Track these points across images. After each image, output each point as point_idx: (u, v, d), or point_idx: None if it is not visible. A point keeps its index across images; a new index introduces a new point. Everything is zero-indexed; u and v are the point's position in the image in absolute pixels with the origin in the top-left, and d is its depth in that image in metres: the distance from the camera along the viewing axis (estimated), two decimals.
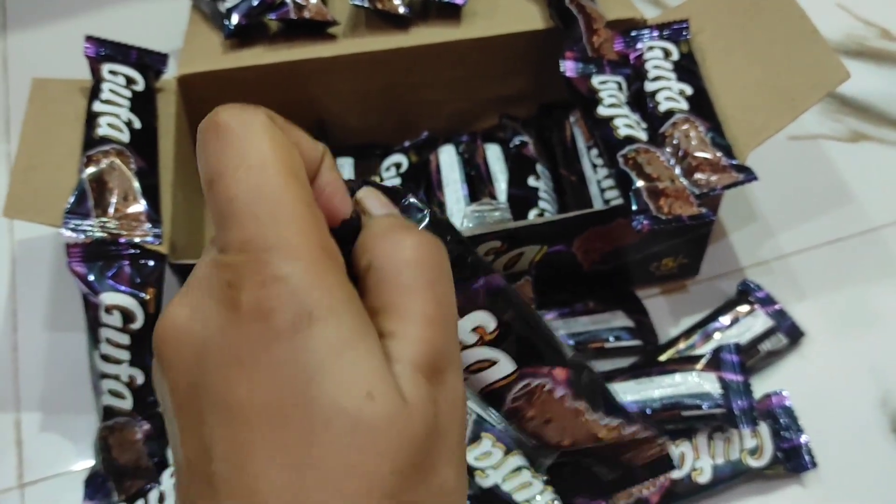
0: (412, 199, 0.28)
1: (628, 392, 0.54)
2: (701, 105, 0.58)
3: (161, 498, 0.53)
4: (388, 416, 0.21)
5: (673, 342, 0.60)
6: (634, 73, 0.61)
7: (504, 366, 0.29)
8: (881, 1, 0.84)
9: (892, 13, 0.83)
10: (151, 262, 0.52)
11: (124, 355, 0.52)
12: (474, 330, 0.29)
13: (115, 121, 0.56)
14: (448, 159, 0.68)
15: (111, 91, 0.58)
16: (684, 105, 0.58)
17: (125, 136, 0.56)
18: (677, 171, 0.55)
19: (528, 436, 0.31)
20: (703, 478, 0.53)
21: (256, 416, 0.20)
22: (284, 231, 0.22)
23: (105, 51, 0.60)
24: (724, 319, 0.60)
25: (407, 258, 0.24)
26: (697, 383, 0.54)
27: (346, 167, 0.68)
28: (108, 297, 0.51)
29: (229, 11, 0.64)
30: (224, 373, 0.21)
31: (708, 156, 0.55)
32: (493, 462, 0.53)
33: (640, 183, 0.54)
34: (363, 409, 0.20)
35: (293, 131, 0.25)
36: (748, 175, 0.54)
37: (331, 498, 0.20)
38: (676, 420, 0.53)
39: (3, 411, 0.60)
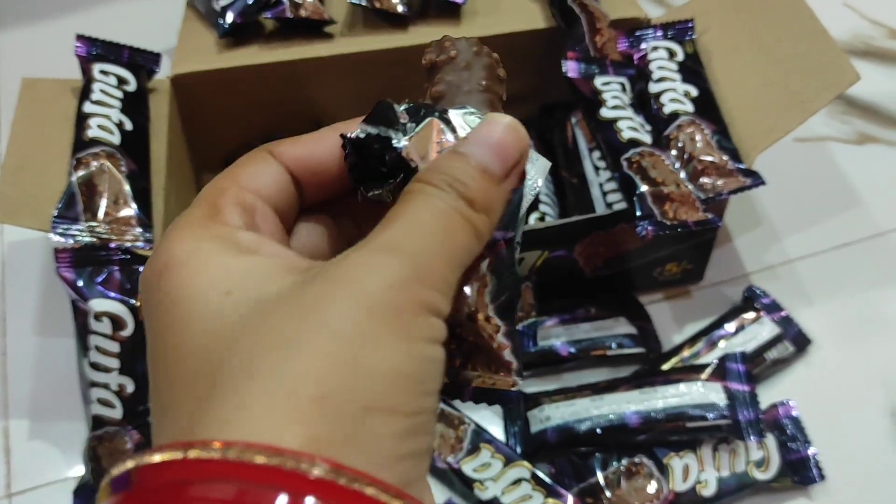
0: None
1: (632, 402, 0.53)
2: (707, 107, 0.57)
3: None
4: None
5: (677, 350, 0.58)
6: (638, 74, 0.60)
7: None
8: (888, 1, 0.83)
9: None
10: (142, 268, 0.51)
11: (114, 363, 0.51)
12: None
13: (106, 122, 0.55)
14: None
15: (102, 91, 0.57)
16: (689, 107, 0.57)
17: (116, 138, 0.55)
18: (682, 174, 0.54)
19: None
20: (708, 491, 0.51)
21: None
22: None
23: (96, 50, 0.58)
24: (730, 327, 0.59)
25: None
26: (702, 393, 0.53)
27: None
28: (97, 304, 0.50)
29: (224, 10, 0.63)
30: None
31: (714, 159, 0.54)
32: (493, 474, 0.51)
33: (644, 187, 0.52)
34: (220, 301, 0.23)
35: (292, 142, 0.27)
36: (755, 179, 0.53)
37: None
38: (681, 431, 0.52)
39: None
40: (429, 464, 0.23)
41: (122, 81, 0.58)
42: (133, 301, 0.50)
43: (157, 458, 0.20)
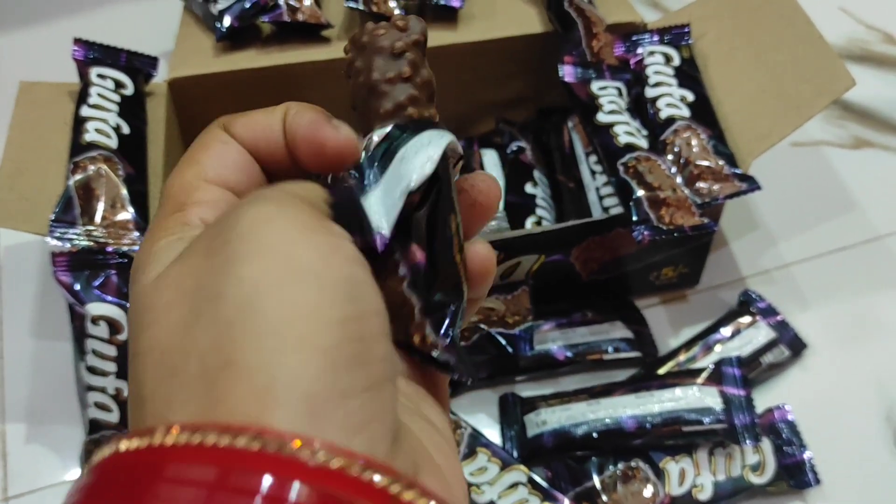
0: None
1: (628, 406, 0.53)
2: (703, 112, 0.57)
3: None
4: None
5: (673, 354, 0.59)
6: (635, 79, 0.60)
7: None
8: (884, 5, 0.83)
9: (895, 17, 0.82)
10: None
11: (111, 367, 0.51)
12: None
13: (103, 126, 0.55)
14: None
15: (99, 95, 0.57)
16: (686, 112, 0.57)
17: (113, 142, 0.55)
18: (678, 179, 0.54)
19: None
20: (704, 495, 0.51)
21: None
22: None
23: (93, 54, 0.58)
24: (726, 331, 0.59)
25: None
26: (698, 398, 0.53)
27: None
28: (94, 308, 0.50)
29: (221, 13, 0.63)
30: None
31: (710, 164, 0.54)
32: (489, 478, 0.51)
33: (640, 192, 0.52)
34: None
35: (246, 121, 0.27)
36: (751, 184, 0.53)
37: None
38: (677, 435, 0.52)
39: None
40: (389, 397, 0.21)
41: (119, 85, 0.58)
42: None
43: (122, 445, 0.20)
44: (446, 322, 0.26)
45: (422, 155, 0.26)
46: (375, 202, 0.26)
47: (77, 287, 0.50)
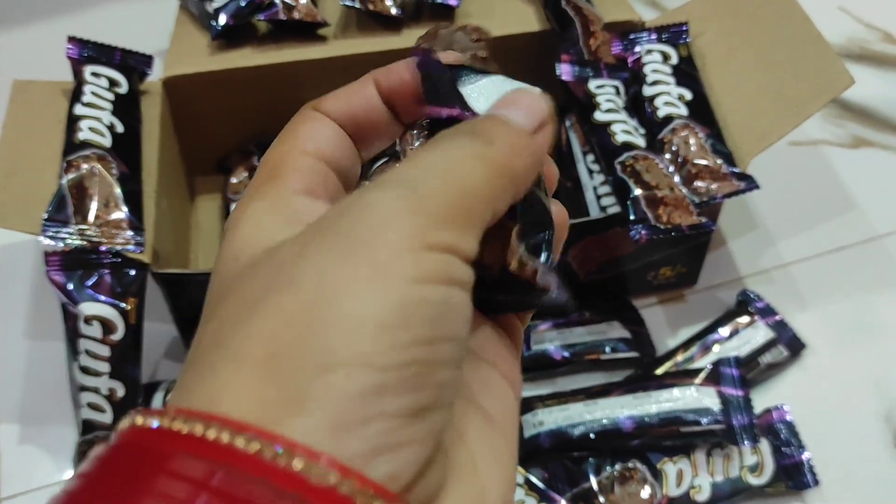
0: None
1: (625, 407, 0.53)
2: (701, 110, 0.57)
3: None
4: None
5: (671, 354, 0.58)
6: (632, 77, 0.60)
7: None
8: (884, 4, 0.83)
9: (894, 16, 0.82)
10: (133, 271, 0.51)
11: (104, 367, 0.50)
12: None
13: (97, 124, 0.55)
14: None
15: (93, 94, 0.56)
16: (683, 110, 0.57)
17: (107, 141, 0.54)
18: (676, 178, 0.54)
19: None
20: (702, 496, 0.51)
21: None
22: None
23: (88, 52, 0.58)
24: (724, 331, 0.59)
25: None
26: (696, 398, 0.53)
27: None
28: (87, 308, 0.50)
29: (217, 12, 0.62)
30: None
31: (708, 163, 0.54)
32: None
33: (638, 191, 0.52)
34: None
35: (336, 95, 0.27)
36: (749, 183, 0.53)
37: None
38: (675, 436, 0.52)
39: None
40: (434, 423, 0.20)
41: (113, 83, 0.58)
42: (123, 304, 0.50)
43: (139, 420, 0.19)
44: (543, 247, 0.25)
45: (511, 84, 0.27)
46: (475, 92, 0.26)
47: (70, 287, 0.50)
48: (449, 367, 0.20)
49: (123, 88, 0.58)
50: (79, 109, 0.55)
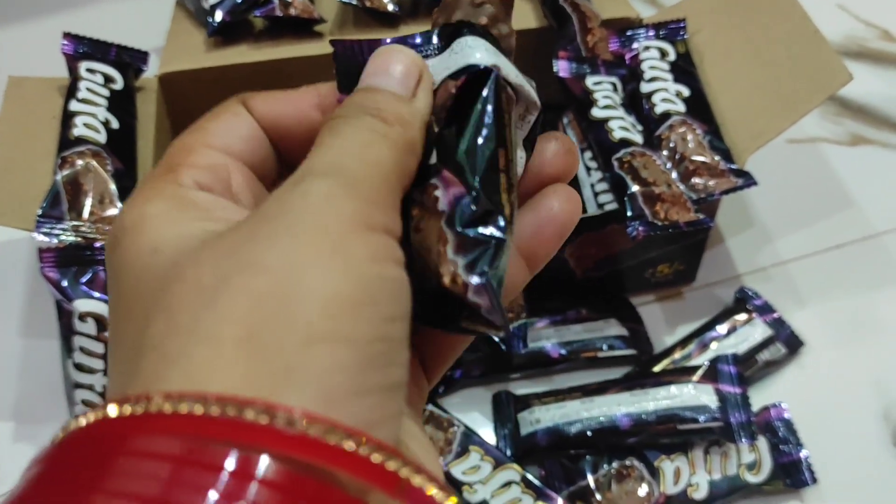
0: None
1: (622, 404, 0.53)
2: (698, 107, 0.57)
3: None
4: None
5: (668, 352, 0.58)
6: (630, 74, 0.59)
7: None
8: (882, 2, 0.83)
9: (892, 14, 0.82)
10: None
11: (98, 364, 0.50)
12: None
13: (92, 121, 0.54)
14: None
15: (88, 90, 0.56)
16: (681, 107, 0.57)
17: (102, 137, 0.54)
18: (674, 175, 0.54)
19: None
20: (700, 494, 0.51)
21: None
22: None
23: (83, 48, 0.58)
24: (721, 328, 0.58)
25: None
26: (694, 395, 0.52)
27: None
28: (82, 304, 0.49)
29: (213, 8, 0.62)
30: None
31: (706, 160, 0.54)
32: (482, 477, 0.51)
33: (635, 188, 0.52)
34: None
35: (269, 95, 0.27)
36: (747, 180, 0.53)
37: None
38: (672, 434, 0.52)
39: None
40: (401, 400, 0.21)
41: (108, 80, 0.58)
42: None
43: (80, 421, 0.19)
44: (481, 260, 0.23)
45: (479, 53, 0.26)
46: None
47: (64, 283, 0.50)
48: (406, 346, 0.21)
49: (119, 85, 0.58)
50: (74, 105, 0.55)
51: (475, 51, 0.26)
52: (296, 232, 0.20)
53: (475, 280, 0.23)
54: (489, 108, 0.25)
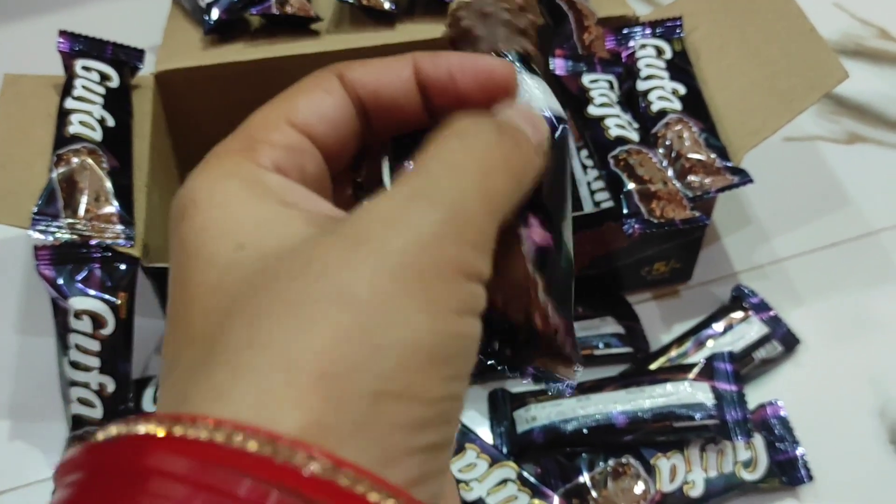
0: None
1: (619, 402, 0.53)
2: (695, 105, 0.57)
3: None
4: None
5: (665, 349, 0.58)
6: (626, 72, 0.59)
7: None
8: (879, 0, 0.83)
9: (889, 12, 0.82)
10: (123, 266, 0.50)
11: (94, 362, 0.50)
12: None
13: (88, 118, 0.54)
14: None
15: (84, 88, 0.56)
16: (677, 105, 0.57)
17: (97, 135, 0.54)
18: (670, 172, 0.54)
19: None
20: (695, 491, 0.51)
21: None
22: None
23: (79, 46, 0.58)
24: (718, 326, 0.58)
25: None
26: (690, 393, 0.52)
27: None
28: (77, 302, 0.49)
29: (209, 6, 0.62)
30: None
31: (702, 157, 0.54)
32: (478, 474, 0.51)
33: (631, 185, 0.52)
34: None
35: (368, 66, 0.26)
36: (743, 177, 0.53)
37: None
38: (668, 431, 0.52)
39: None
40: (450, 454, 0.21)
41: (104, 77, 0.57)
42: (113, 299, 0.50)
43: (141, 428, 0.18)
44: (566, 302, 0.24)
45: (544, 97, 0.26)
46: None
47: (60, 281, 0.49)
48: (463, 402, 0.21)
49: (115, 82, 0.58)
50: (69, 103, 0.55)
51: (541, 95, 0.26)
52: (393, 266, 0.19)
53: (564, 323, 0.24)
54: (567, 160, 0.26)
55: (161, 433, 0.17)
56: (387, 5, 0.62)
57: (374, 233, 0.20)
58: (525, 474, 0.51)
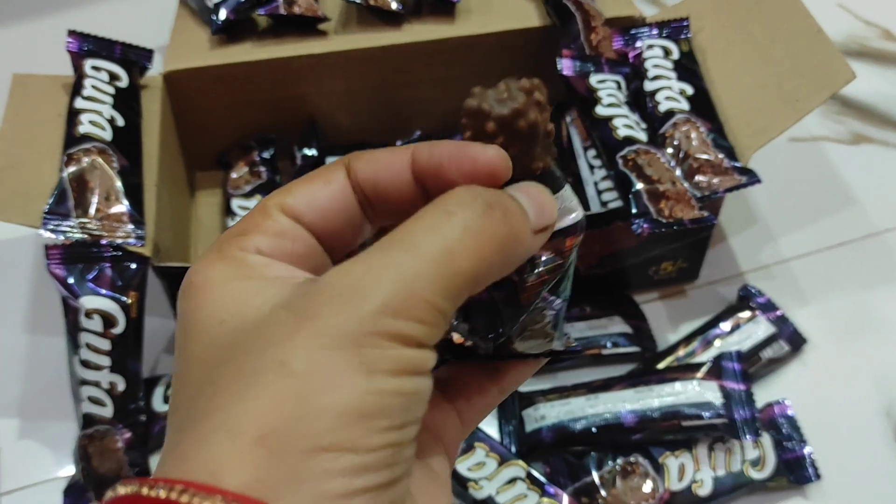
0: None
1: (627, 401, 0.53)
2: (702, 105, 0.57)
3: None
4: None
5: (672, 349, 0.58)
6: (633, 72, 0.60)
7: None
8: (883, 1, 0.83)
9: (894, 13, 0.82)
10: (134, 265, 0.50)
11: (105, 361, 0.50)
12: None
13: (98, 118, 0.55)
14: None
15: (93, 87, 0.56)
16: (685, 105, 0.57)
17: (107, 134, 0.54)
18: (678, 172, 0.54)
19: None
20: (704, 490, 0.51)
21: None
22: None
23: (88, 46, 0.58)
24: (725, 326, 0.59)
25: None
26: (698, 392, 0.53)
27: None
28: (88, 301, 0.49)
29: (217, 6, 0.62)
30: None
31: (709, 157, 0.54)
32: (487, 473, 0.51)
33: (639, 185, 0.52)
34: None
35: (372, 155, 0.27)
36: (751, 177, 0.53)
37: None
38: (676, 430, 0.52)
39: None
40: (402, 489, 0.22)
41: (113, 77, 0.58)
42: (124, 298, 0.50)
43: (120, 490, 0.21)
44: (563, 326, 0.30)
45: (575, 205, 0.27)
46: None
47: (71, 280, 0.50)
48: (413, 444, 0.23)
49: (124, 82, 0.58)
50: (79, 103, 0.55)
51: (575, 205, 0.27)
52: (329, 340, 0.21)
53: (574, 343, 0.31)
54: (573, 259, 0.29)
55: (130, 491, 0.20)
56: (394, 5, 0.62)
57: (319, 309, 0.22)
58: (534, 473, 0.51)
